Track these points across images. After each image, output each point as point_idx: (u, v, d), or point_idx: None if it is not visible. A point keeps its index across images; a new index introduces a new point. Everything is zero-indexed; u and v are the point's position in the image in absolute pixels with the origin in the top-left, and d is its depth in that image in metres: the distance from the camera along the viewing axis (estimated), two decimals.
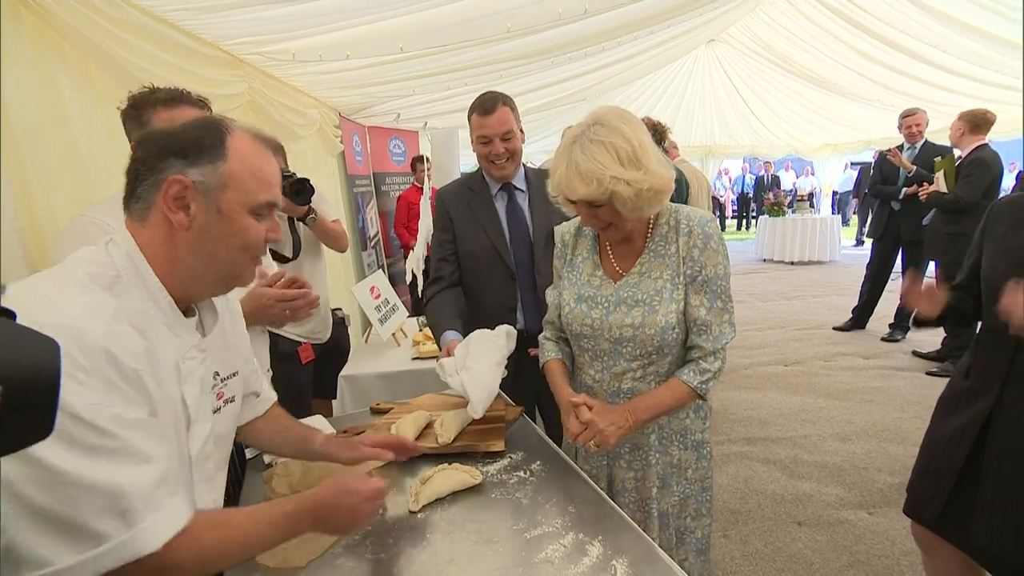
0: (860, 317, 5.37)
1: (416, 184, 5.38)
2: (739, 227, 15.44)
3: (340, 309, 2.83)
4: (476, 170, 1.97)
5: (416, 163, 5.45)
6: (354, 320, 3.85)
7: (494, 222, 1.89)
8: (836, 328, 5.45)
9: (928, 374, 4.19)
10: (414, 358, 2.53)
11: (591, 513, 1.17)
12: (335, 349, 2.65)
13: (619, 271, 1.34)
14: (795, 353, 4.85)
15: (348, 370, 2.46)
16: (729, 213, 15.55)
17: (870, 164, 9.95)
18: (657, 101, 9.03)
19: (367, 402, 1.95)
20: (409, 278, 4.21)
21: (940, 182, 4.15)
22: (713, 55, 8.05)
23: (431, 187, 4.38)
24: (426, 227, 4.20)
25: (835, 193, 13.17)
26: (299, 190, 2.14)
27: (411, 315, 3.26)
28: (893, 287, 5.19)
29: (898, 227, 4.76)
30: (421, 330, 2.83)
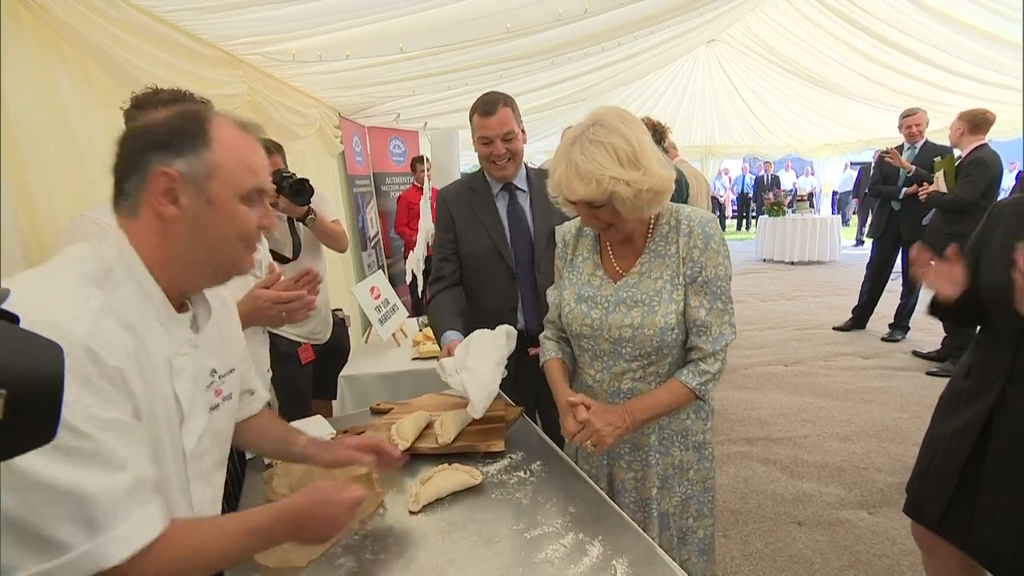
0: (860, 317, 5.36)
1: (416, 184, 5.38)
2: (739, 227, 15.44)
3: (340, 310, 2.83)
4: (478, 170, 1.97)
5: (416, 163, 5.45)
6: (354, 320, 3.85)
7: (495, 222, 1.89)
8: (836, 328, 5.45)
9: (928, 374, 4.19)
10: (414, 358, 2.53)
11: (591, 513, 1.17)
12: (335, 349, 2.65)
13: (619, 271, 1.34)
14: (795, 353, 4.85)
15: (348, 370, 2.46)
16: (729, 213, 15.55)
17: (870, 164, 9.96)
18: (657, 101, 9.04)
19: (367, 402, 1.94)
20: (409, 278, 4.20)
21: (940, 182, 4.15)
22: (713, 55, 8.06)
23: (431, 187, 4.38)
24: (426, 227, 4.20)
25: (835, 193, 13.18)
26: (299, 190, 2.14)
27: (411, 315, 3.26)
28: (893, 287, 5.21)
29: (898, 227, 4.76)
30: (421, 330, 2.83)
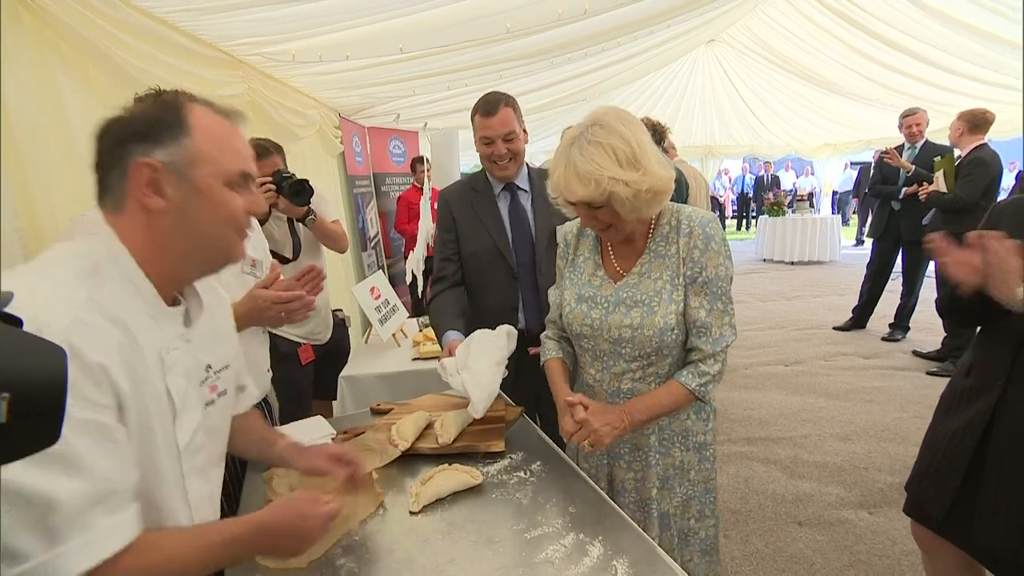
0: (860, 317, 5.36)
1: (416, 185, 5.38)
2: (739, 227, 15.44)
3: (340, 310, 2.83)
4: (480, 170, 1.97)
5: (416, 164, 5.45)
6: (354, 321, 3.85)
7: (497, 222, 1.89)
8: (836, 328, 5.45)
9: (928, 374, 4.19)
10: (414, 359, 2.53)
11: (592, 513, 1.17)
12: (335, 350, 2.65)
13: (620, 272, 1.33)
14: (795, 353, 4.85)
15: (348, 371, 2.46)
16: (729, 213, 15.55)
17: (870, 164, 9.95)
18: (657, 101, 9.04)
19: (367, 403, 1.94)
20: (409, 279, 4.20)
21: (940, 182, 4.15)
22: (713, 55, 8.06)
23: (431, 188, 4.38)
24: (426, 228, 4.20)
25: (835, 193, 13.18)
26: (298, 191, 2.14)
27: (411, 316, 3.26)
28: (893, 287, 5.20)
29: (898, 227, 4.76)
30: (421, 331, 2.83)
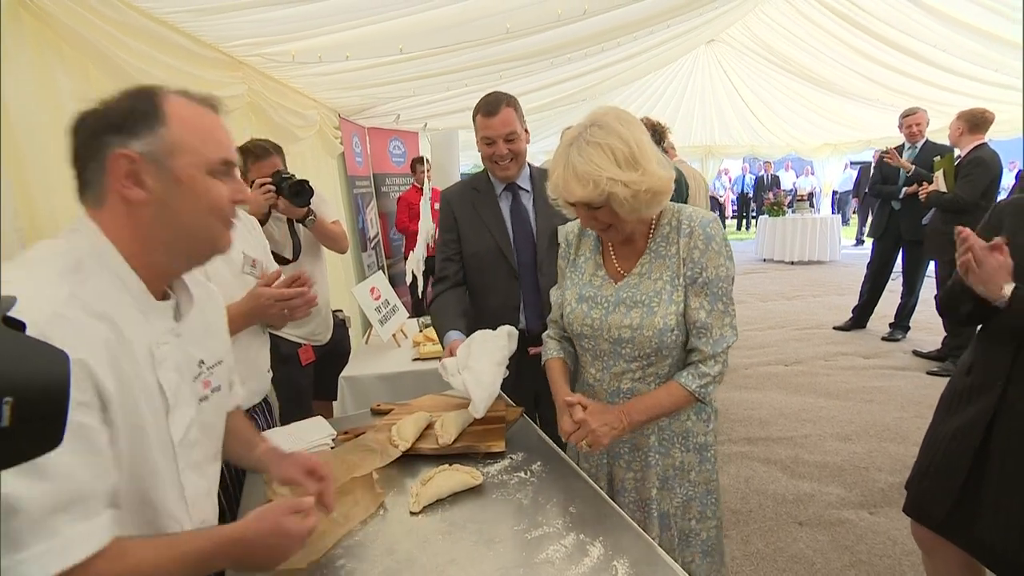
0: (860, 317, 5.36)
1: (416, 185, 5.38)
2: (739, 227, 15.45)
3: (341, 310, 2.83)
4: (482, 170, 1.97)
5: (416, 164, 5.45)
6: (354, 321, 3.85)
7: (498, 222, 1.89)
8: (836, 328, 5.45)
9: (929, 373, 4.19)
10: (414, 359, 2.52)
11: (592, 514, 1.16)
12: (335, 350, 2.65)
13: (621, 272, 1.33)
14: (795, 353, 4.85)
15: (348, 371, 2.46)
16: (729, 213, 15.56)
17: (870, 164, 9.96)
18: (657, 101, 9.04)
19: (368, 403, 1.94)
20: (409, 279, 4.21)
21: (939, 182, 4.15)
22: (713, 55, 8.06)
23: (431, 188, 4.38)
24: (426, 228, 4.20)
25: (835, 193, 13.18)
26: (298, 191, 2.15)
27: (411, 316, 3.26)
28: (893, 287, 5.20)
29: (898, 227, 4.76)
30: (421, 331, 2.83)
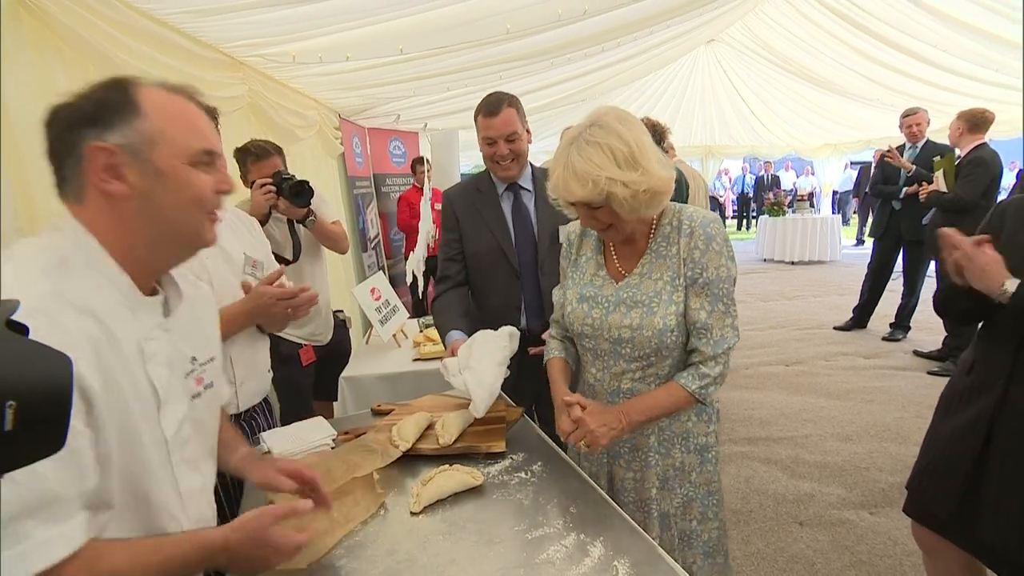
0: (861, 316, 5.36)
1: (416, 185, 5.38)
2: (739, 227, 15.45)
3: (341, 311, 2.83)
4: (484, 170, 1.97)
5: (416, 165, 5.45)
6: (355, 321, 3.85)
7: (500, 222, 1.89)
8: (837, 328, 5.45)
9: (929, 373, 4.18)
10: (415, 359, 2.53)
11: (592, 514, 1.16)
12: (336, 351, 2.65)
13: (622, 272, 1.33)
14: (796, 353, 4.84)
15: (349, 371, 2.46)
16: (729, 213, 15.56)
17: (870, 164, 9.96)
18: (657, 101, 9.03)
19: (368, 403, 1.94)
20: (409, 279, 4.21)
21: (939, 181, 4.15)
22: (713, 55, 8.05)
23: (431, 188, 4.38)
24: (426, 229, 4.20)
25: (835, 193, 13.17)
26: (298, 192, 2.15)
27: (412, 316, 3.26)
28: (894, 287, 5.20)
29: (899, 227, 4.76)
30: (422, 331, 2.83)
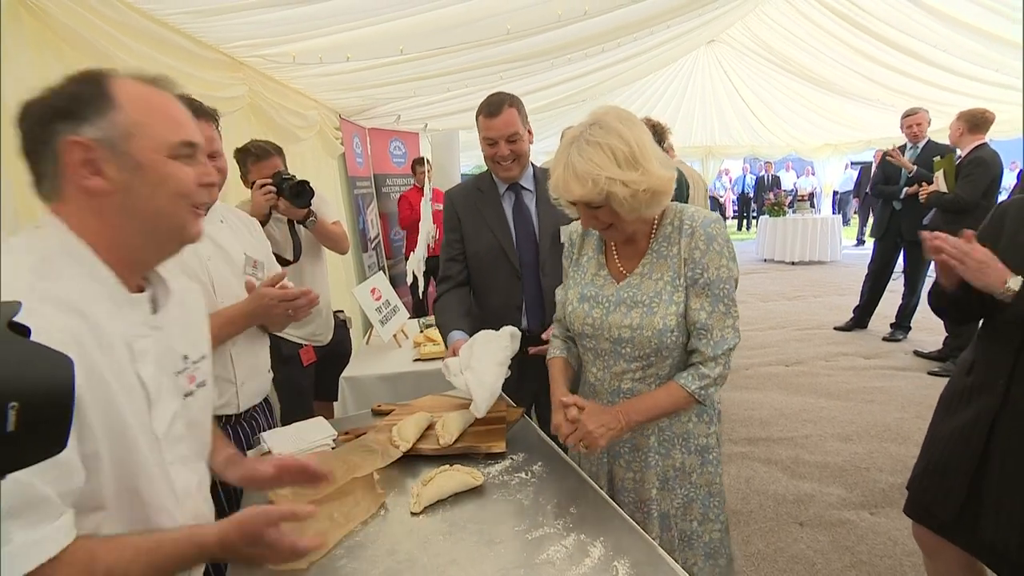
0: (861, 317, 5.36)
1: (417, 186, 5.38)
2: (740, 227, 15.45)
3: (342, 311, 2.83)
4: (485, 170, 1.98)
5: (416, 165, 5.46)
6: (355, 322, 3.85)
7: (501, 222, 1.90)
8: (837, 328, 5.45)
9: (930, 374, 4.18)
10: (415, 359, 2.52)
11: (593, 514, 1.16)
12: (336, 351, 2.65)
13: (623, 272, 1.33)
14: (796, 353, 4.84)
15: (349, 371, 2.46)
16: (729, 213, 15.56)
17: (870, 164, 9.96)
18: (657, 102, 9.03)
19: (368, 404, 1.94)
20: (410, 279, 4.21)
21: (940, 182, 4.14)
22: (713, 55, 8.05)
23: (431, 189, 4.39)
24: (426, 229, 4.20)
25: (835, 193, 13.17)
26: (299, 192, 2.15)
27: (412, 316, 3.26)
28: (895, 287, 5.19)
29: (899, 227, 4.75)
30: (422, 331, 2.83)
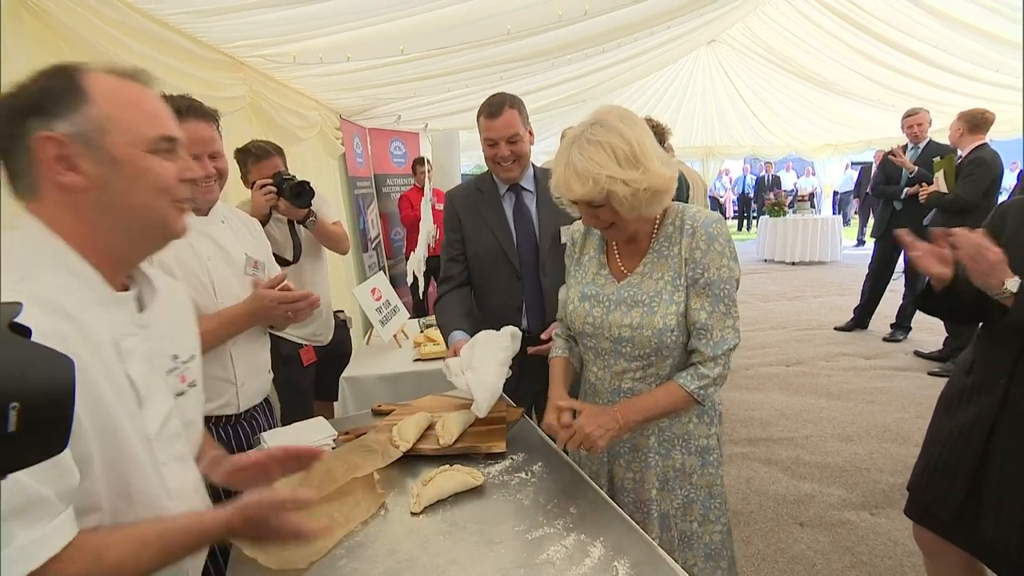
0: (861, 317, 5.36)
1: (417, 186, 5.38)
2: (740, 227, 15.45)
3: (342, 311, 2.83)
4: (486, 171, 1.98)
5: (417, 165, 5.46)
6: (355, 322, 3.85)
7: (501, 223, 1.90)
8: (837, 328, 5.44)
9: (930, 374, 4.18)
10: (415, 360, 2.52)
11: (593, 514, 1.17)
12: (337, 351, 2.65)
13: (624, 271, 1.34)
14: (796, 353, 4.84)
15: (349, 372, 2.46)
16: (730, 213, 15.57)
17: (871, 164, 9.95)
18: (658, 102, 9.03)
19: (368, 404, 1.94)
20: (410, 279, 4.21)
21: (940, 182, 4.14)
22: (713, 56, 8.05)
23: (432, 189, 4.39)
24: (426, 229, 4.20)
25: (836, 193, 13.17)
26: (299, 193, 2.15)
27: (412, 316, 3.26)
28: (895, 287, 5.19)
29: (900, 227, 4.73)
30: (422, 331, 2.83)
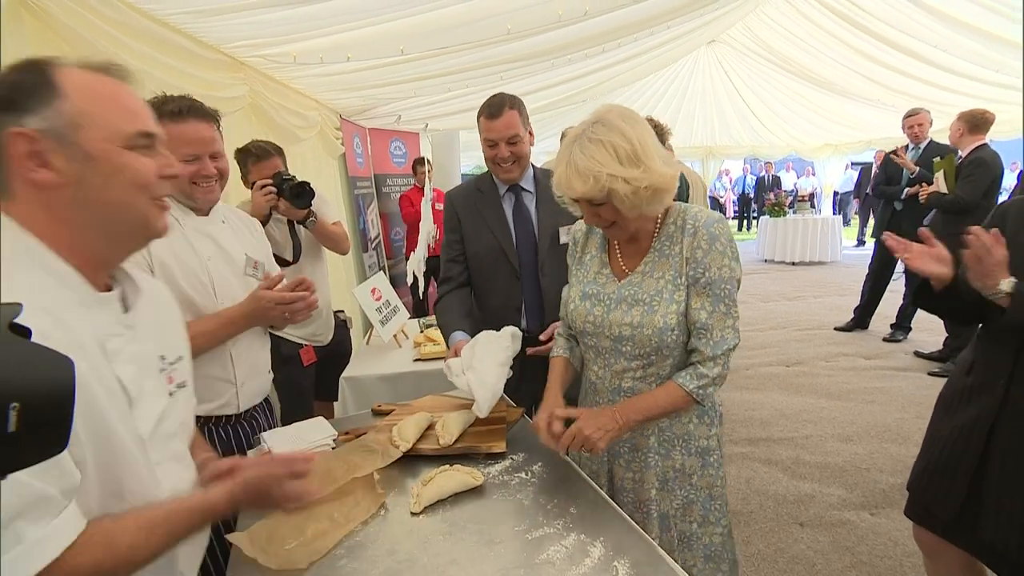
0: (861, 317, 5.36)
1: (417, 186, 5.38)
2: (740, 228, 15.46)
3: (342, 311, 2.83)
4: (486, 171, 1.98)
5: (417, 165, 5.46)
6: (355, 322, 3.85)
7: (501, 223, 1.90)
8: (837, 328, 5.45)
9: (930, 374, 4.18)
10: (415, 360, 2.53)
11: (593, 514, 1.17)
12: (337, 351, 2.65)
13: (625, 270, 1.34)
14: (796, 353, 4.84)
15: (349, 372, 2.46)
16: (730, 214, 15.58)
17: (871, 164, 9.95)
18: (658, 102, 9.04)
19: (368, 404, 1.94)
20: (410, 280, 4.21)
21: (940, 182, 4.14)
22: (713, 56, 8.05)
23: (432, 189, 4.39)
24: (426, 229, 4.20)
25: (836, 193, 13.17)
26: (299, 193, 2.15)
27: (412, 317, 3.26)
28: (895, 287, 5.19)
29: (900, 227, 4.74)
30: (422, 331, 2.83)
